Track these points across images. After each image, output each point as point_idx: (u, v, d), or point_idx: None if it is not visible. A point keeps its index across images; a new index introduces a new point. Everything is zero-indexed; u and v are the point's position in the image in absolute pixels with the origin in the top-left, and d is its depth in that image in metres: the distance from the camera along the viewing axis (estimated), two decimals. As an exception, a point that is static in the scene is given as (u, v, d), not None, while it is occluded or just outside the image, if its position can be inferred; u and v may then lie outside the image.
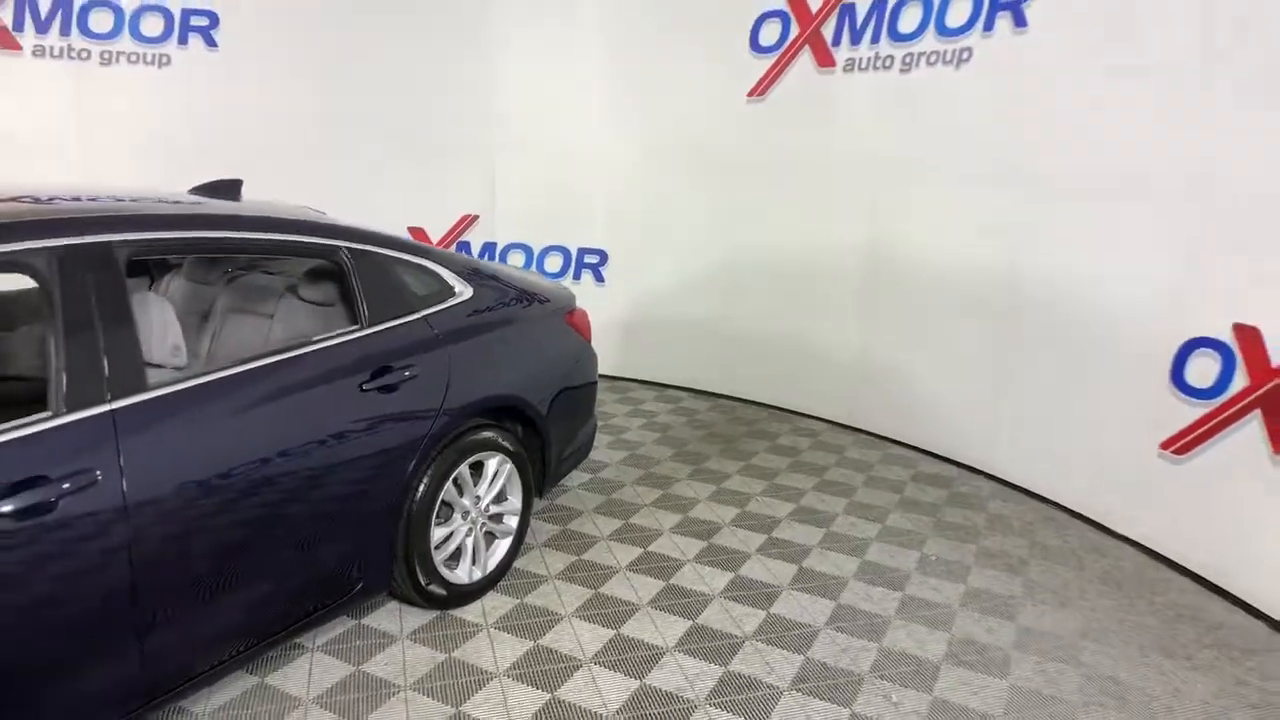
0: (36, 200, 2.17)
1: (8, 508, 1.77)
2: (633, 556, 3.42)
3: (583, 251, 6.07)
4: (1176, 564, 3.46)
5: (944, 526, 3.81)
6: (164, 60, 5.68)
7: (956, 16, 4.28)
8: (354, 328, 2.65)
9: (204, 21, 5.71)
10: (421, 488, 2.76)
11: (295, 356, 2.43)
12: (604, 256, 6.02)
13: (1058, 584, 3.31)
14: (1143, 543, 3.62)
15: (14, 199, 2.16)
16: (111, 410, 1.96)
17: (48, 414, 1.89)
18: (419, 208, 5.97)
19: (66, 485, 1.84)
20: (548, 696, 2.54)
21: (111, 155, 5.57)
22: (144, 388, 2.04)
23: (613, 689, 2.58)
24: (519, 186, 6.05)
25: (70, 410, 1.91)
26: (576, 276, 6.08)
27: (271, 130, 5.76)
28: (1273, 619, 3.06)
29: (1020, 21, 3.98)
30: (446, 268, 3.02)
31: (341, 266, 2.68)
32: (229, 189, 3.01)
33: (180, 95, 5.70)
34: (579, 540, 3.55)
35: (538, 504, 3.76)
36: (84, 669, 1.95)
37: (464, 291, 3.03)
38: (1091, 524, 3.85)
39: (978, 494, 4.20)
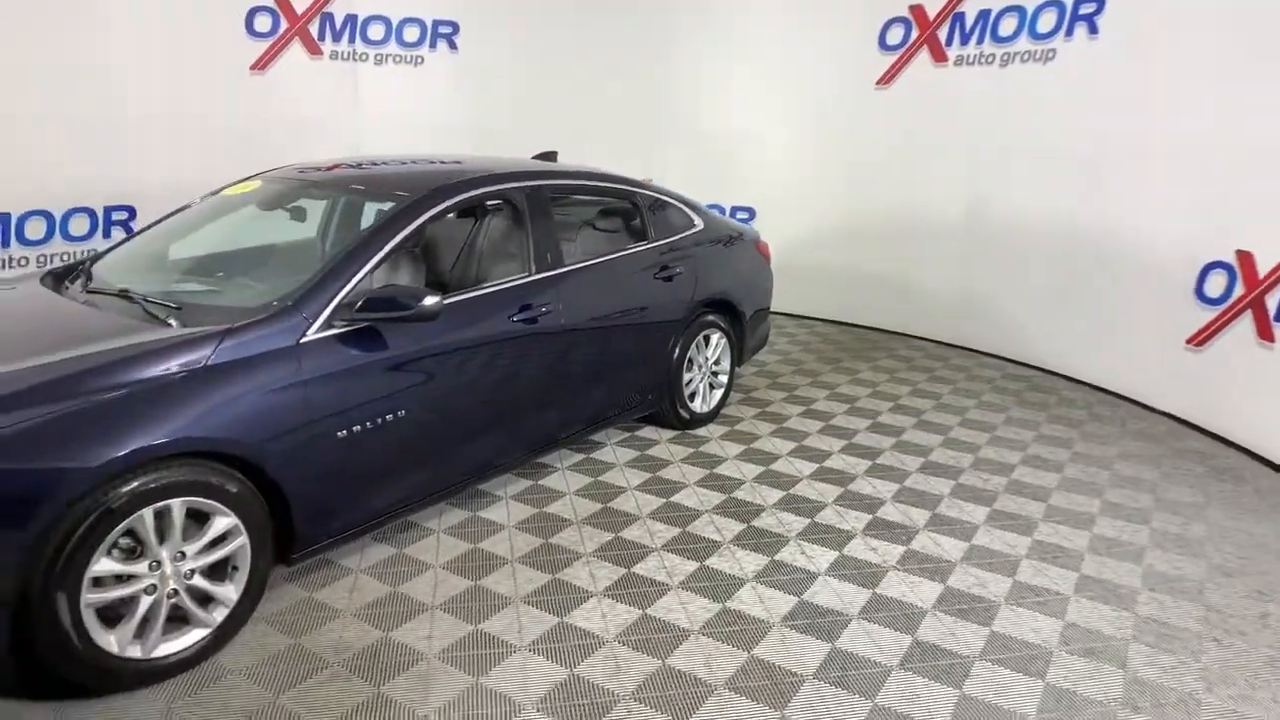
0: (432, 163, 3.85)
1: (519, 318, 3.45)
2: (798, 410, 5.00)
3: (735, 209, 7.60)
4: (1195, 425, 4.84)
5: (1024, 404, 5.25)
6: (419, 60, 7.47)
7: (1045, 24, 5.62)
8: (644, 242, 4.27)
9: (449, 30, 7.46)
10: (678, 347, 4.38)
11: (623, 255, 4.07)
12: (753, 213, 7.55)
13: (1106, 435, 4.74)
14: (1173, 413, 5.00)
15: (425, 161, 3.84)
16: (553, 274, 3.63)
17: (525, 274, 3.56)
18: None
19: (544, 309, 3.52)
20: (743, 526, 4.15)
21: (383, 135, 7.37)
22: (561, 264, 3.71)
23: (771, 497, 4.17)
24: (684, 159, 7.61)
25: (537, 272, 3.58)
26: (728, 229, 7.62)
27: (496, 115, 7.47)
28: (1253, 453, 4.43)
29: (1093, 30, 5.30)
30: (689, 207, 4.62)
31: (636, 204, 4.32)
32: (549, 157, 4.67)
33: (430, 87, 7.47)
34: (761, 403, 5.15)
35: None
36: (527, 418, 3.62)
37: (699, 224, 4.63)
38: (1134, 403, 5.23)
39: (1051, 385, 5.61)
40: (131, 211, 6.35)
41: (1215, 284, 4.65)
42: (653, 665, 2.61)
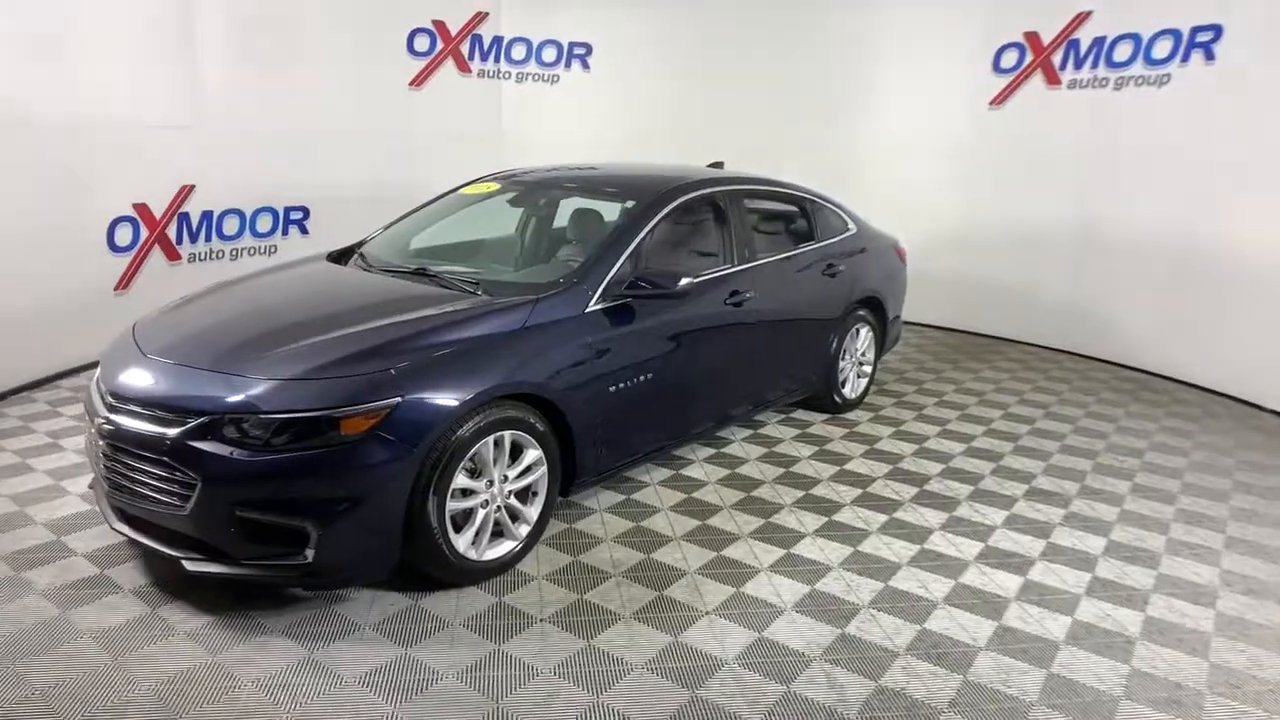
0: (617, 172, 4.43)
1: (730, 302, 4.00)
2: (932, 401, 5.48)
3: (845, 219, 8.11)
4: (1309, 423, 5.23)
5: (1140, 400, 5.67)
6: (555, 79, 8.13)
7: (1160, 51, 6.07)
8: (812, 242, 4.80)
9: (583, 50, 8.12)
10: (837, 338, 4.90)
11: (799, 253, 4.62)
12: (862, 223, 8.04)
13: (1222, 427, 5.16)
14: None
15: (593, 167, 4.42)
16: (750, 266, 4.19)
17: (727, 266, 4.12)
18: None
19: (747, 295, 4.08)
20: (916, 489, 4.64)
21: (519, 147, 8.02)
22: (755, 259, 4.26)
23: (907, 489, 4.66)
24: (802, 172, 8.12)
25: (739, 264, 4.14)
26: (837, 238, 8.13)
27: (623, 128, 8.09)
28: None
29: (1210, 56, 5.74)
30: (844, 213, 5.15)
31: (805, 208, 4.86)
32: (718, 166, 5.24)
33: (564, 104, 8.12)
34: (896, 394, 5.64)
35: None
36: (729, 389, 4.18)
37: (853, 227, 5.16)
38: (1247, 403, 5.63)
39: (1164, 386, 6.02)
40: (306, 211, 7.06)
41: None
42: (911, 630, 3.14)
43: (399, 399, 2.68)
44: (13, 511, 3.43)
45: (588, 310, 3.33)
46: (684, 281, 3.43)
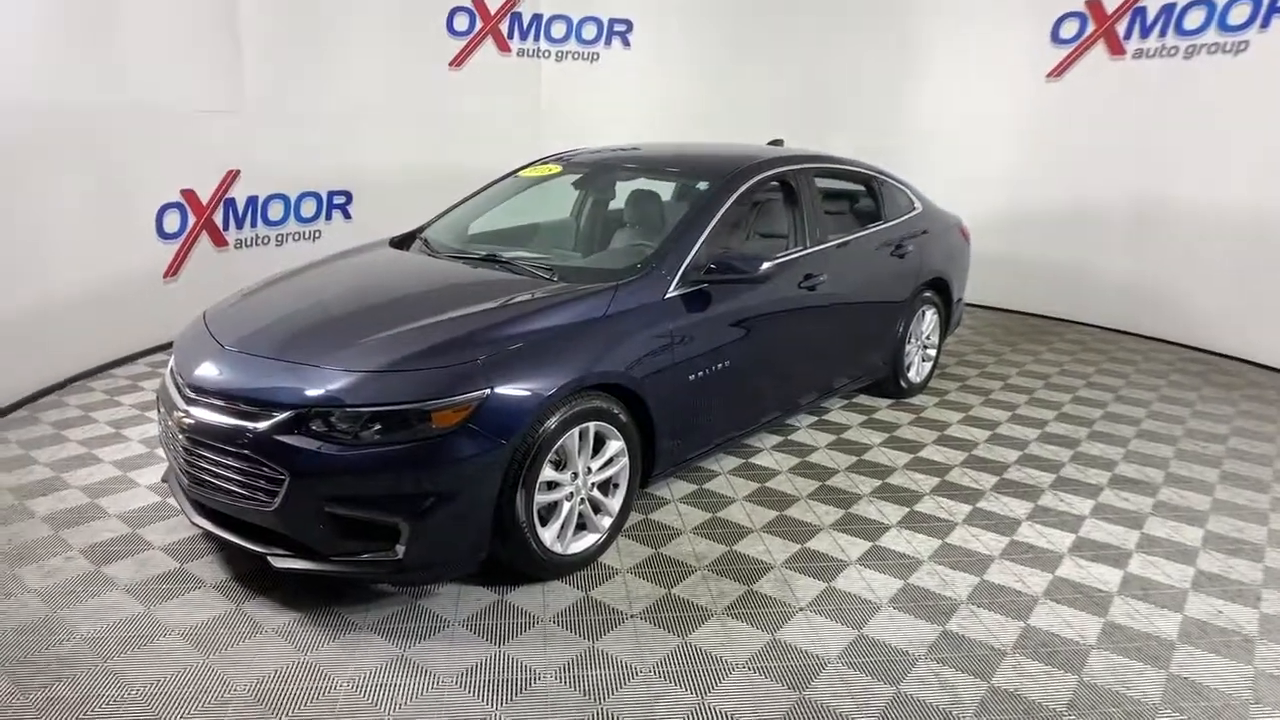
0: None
1: (804, 285, 3.87)
2: (997, 385, 5.33)
3: (894, 198, 7.92)
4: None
5: (1212, 384, 5.49)
6: (595, 57, 7.97)
7: (1237, 16, 5.82)
8: (880, 222, 4.65)
9: (623, 28, 7.95)
10: (903, 320, 4.76)
11: (869, 233, 4.47)
12: (912, 201, 7.85)
13: None
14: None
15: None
16: (822, 248, 4.05)
17: (799, 248, 3.99)
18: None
19: (820, 278, 3.95)
20: (996, 478, 4.51)
21: (557, 125, 7.87)
22: (826, 240, 4.13)
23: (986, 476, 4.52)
24: (850, 149, 7.94)
25: (810, 246, 4.01)
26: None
27: (664, 106, 7.93)
28: None
29: (1292, 22, 5.50)
30: (910, 191, 4.99)
31: (871, 187, 4.71)
32: (777, 143, 5.08)
33: (604, 82, 7.97)
34: (958, 378, 5.50)
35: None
36: (801, 376, 4.06)
37: (919, 207, 4.99)
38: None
39: (1236, 368, 5.83)
40: (349, 196, 6.98)
41: None
42: (1017, 627, 3.03)
43: (488, 390, 2.59)
44: (85, 504, 3.40)
45: (667, 296, 3.23)
46: (766, 265, 3.31)
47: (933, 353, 5.16)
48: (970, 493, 3.76)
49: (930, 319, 5.05)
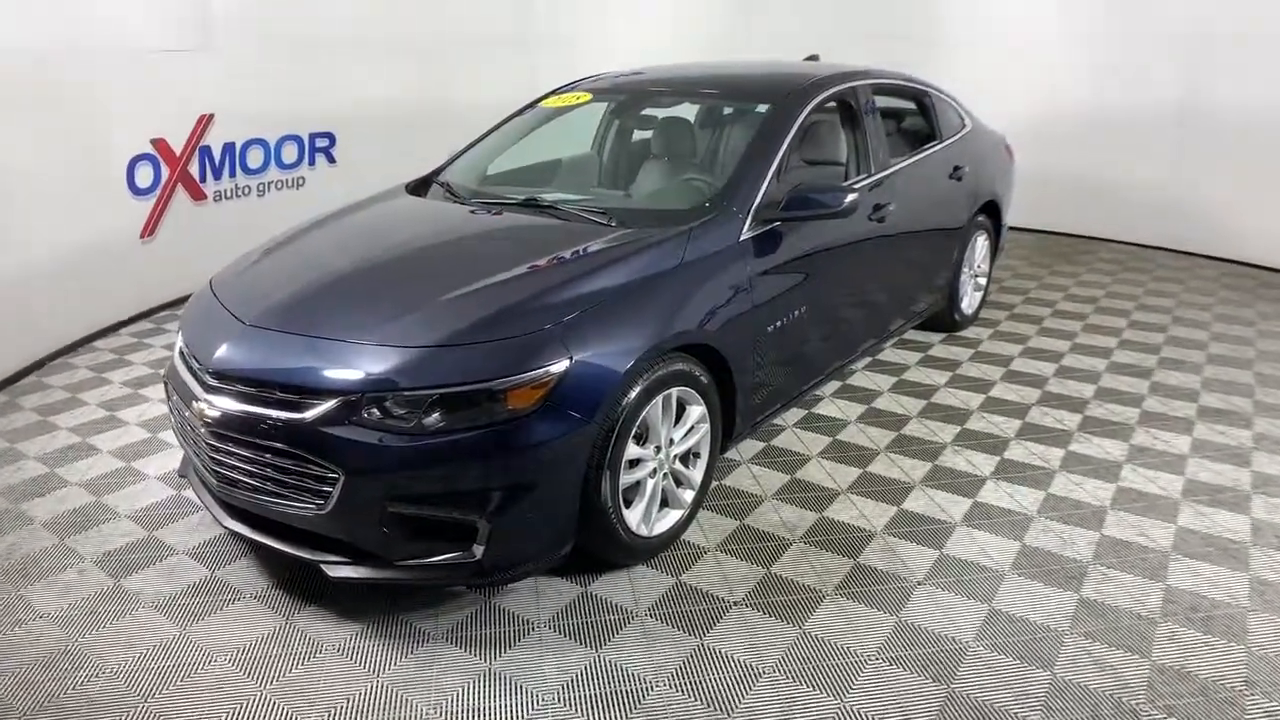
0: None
1: (875, 217, 3.49)
2: (1047, 311, 5.04)
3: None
4: None
5: (1266, 299, 5.24)
6: None
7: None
8: (937, 143, 4.26)
9: None
10: (958, 247, 4.40)
11: (928, 155, 4.08)
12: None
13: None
14: None
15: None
16: (887, 173, 3.67)
17: (864, 175, 3.59)
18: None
19: (889, 207, 3.57)
20: (1079, 416, 4.22)
21: (554, 56, 7.28)
22: (889, 165, 3.73)
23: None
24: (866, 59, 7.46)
25: (876, 172, 3.61)
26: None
27: (678, 26, 7.35)
28: None
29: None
30: (960, 108, 4.58)
31: (924, 104, 4.30)
32: (814, 59, 4.63)
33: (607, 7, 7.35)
34: (1004, 306, 5.19)
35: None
36: (872, 316, 3.72)
37: (969, 124, 4.59)
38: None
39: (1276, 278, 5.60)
40: (331, 138, 6.41)
41: None
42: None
43: (567, 361, 2.22)
44: (88, 503, 3.01)
45: (741, 238, 2.84)
46: (850, 197, 2.91)
47: (983, 281, 4.83)
48: (1058, 434, 3.48)
49: (982, 246, 4.71)
